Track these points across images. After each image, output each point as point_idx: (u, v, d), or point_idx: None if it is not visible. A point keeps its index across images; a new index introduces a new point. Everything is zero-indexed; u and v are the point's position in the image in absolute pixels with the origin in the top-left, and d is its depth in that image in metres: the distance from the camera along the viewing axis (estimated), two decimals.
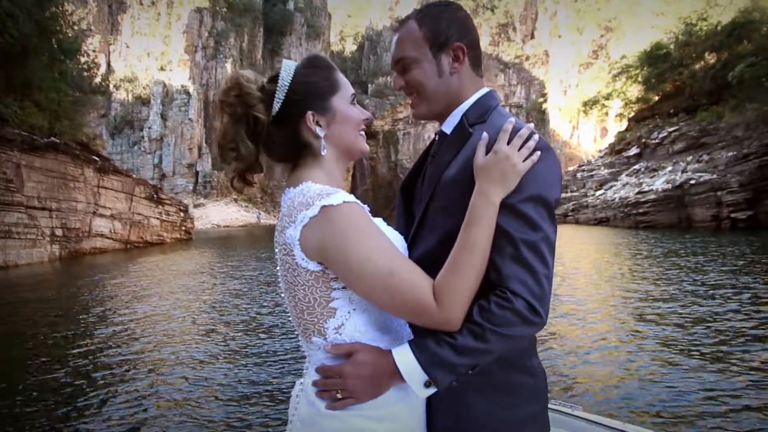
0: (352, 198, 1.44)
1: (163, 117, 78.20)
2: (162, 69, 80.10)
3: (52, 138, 24.57)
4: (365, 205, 1.49)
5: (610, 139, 53.80)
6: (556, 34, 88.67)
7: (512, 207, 1.41)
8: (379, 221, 1.57)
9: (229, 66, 78.76)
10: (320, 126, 1.57)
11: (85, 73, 33.92)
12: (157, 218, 34.92)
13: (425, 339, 1.41)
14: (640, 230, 32.07)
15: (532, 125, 1.51)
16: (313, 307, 1.47)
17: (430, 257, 1.51)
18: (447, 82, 1.63)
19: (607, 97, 56.33)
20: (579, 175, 47.34)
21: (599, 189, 42.66)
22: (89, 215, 27.89)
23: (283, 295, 1.57)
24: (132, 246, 31.64)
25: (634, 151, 41.86)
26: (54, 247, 24.59)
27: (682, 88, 42.52)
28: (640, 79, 47.60)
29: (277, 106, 1.54)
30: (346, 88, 1.63)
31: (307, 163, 1.58)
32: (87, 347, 9.04)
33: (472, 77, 1.66)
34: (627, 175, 39.72)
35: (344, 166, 1.67)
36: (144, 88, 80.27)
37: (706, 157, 32.12)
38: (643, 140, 40.98)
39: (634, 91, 50.15)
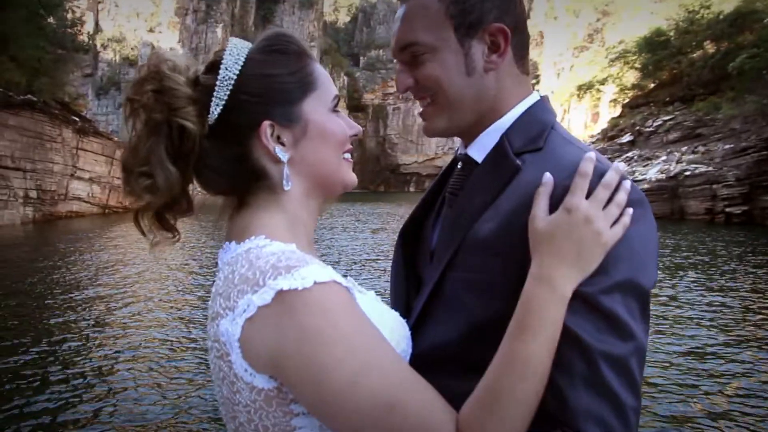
0: (328, 275, 0.84)
1: None
2: (151, 31, 79.02)
3: (29, 95, 23.77)
4: (349, 284, 0.88)
5: (602, 124, 53.45)
6: (552, 16, 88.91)
7: (590, 300, 0.85)
8: (369, 300, 0.93)
9: (219, 31, 77.52)
10: (283, 144, 0.98)
11: (69, 30, 32.93)
12: None
13: None
14: None
15: (621, 165, 0.89)
16: None
17: (445, 353, 0.97)
18: (479, 82, 1.03)
19: (603, 82, 55.70)
20: None
21: None
22: (66, 177, 27.26)
23: (219, 408, 0.96)
24: (111, 211, 31.01)
25: (627, 138, 41.27)
26: (27, 209, 23.98)
27: (679, 77, 41.97)
28: (637, 65, 46.91)
29: (216, 110, 0.95)
30: (326, 86, 1.03)
31: (258, 201, 0.99)
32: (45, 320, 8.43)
33: (515, 76, 1.07)
34: (619, 162, 39.30)
35: (316, 206, 1.05)
36: (132, 49, 79.33)
37: (701, 149, 31.65)
38: (637, 128, 40.41)
39: (630, 77, 49.43)
